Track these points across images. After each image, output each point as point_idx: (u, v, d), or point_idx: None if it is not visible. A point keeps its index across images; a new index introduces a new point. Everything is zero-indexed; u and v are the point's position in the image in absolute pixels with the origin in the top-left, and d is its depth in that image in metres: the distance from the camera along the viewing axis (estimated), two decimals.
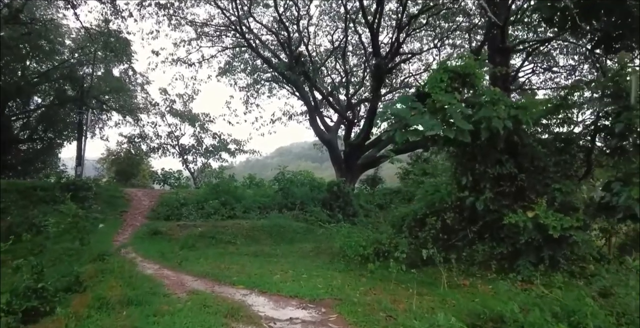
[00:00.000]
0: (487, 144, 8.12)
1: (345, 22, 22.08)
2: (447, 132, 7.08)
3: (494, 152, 8.24)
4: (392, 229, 10.55)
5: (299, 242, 12.88)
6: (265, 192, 18.59)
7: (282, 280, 7.38)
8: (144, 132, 27.59)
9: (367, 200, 19.56)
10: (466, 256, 8.48)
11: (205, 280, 7.52)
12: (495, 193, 8.29)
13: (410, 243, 8.84)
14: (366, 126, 20.60)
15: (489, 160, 8.23)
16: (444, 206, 8.68)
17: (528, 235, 7.34)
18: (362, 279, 7.84)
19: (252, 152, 29.04)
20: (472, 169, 8.40)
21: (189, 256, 10.27)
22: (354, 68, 24.94)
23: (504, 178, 8.32)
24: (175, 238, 12.45)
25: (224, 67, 25.23)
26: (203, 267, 8.88)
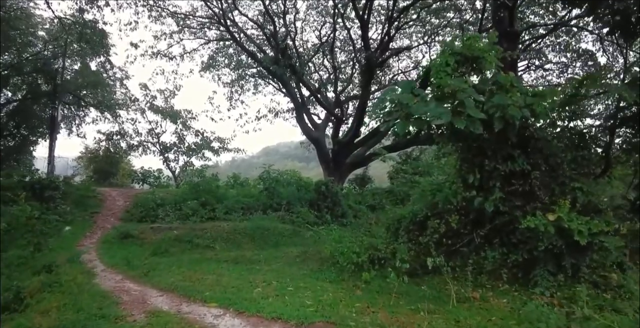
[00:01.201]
0: (498, 136, 7.08)
1: (333, 16, 20.95)
2: (457, 121, 5.98)
3: (505, 146, 7.18)
4: (386, 233, 9.46)
5: (284, 245, 11.68)
6: (249, 191, 17.34)
7: (263, 295, 6.20)
8: (123, 129, 26.02)
9: (356, 200, 18.44)
10: (473, 263, 7.39)
11: (172, 295, 6.29)
12: (506, 192, 7.24)
13: (410, 249, 7.74)
14: (355, 123, 19.50)
15: (500, 155, 7.18)
16: (448, 207, 7.58)
17: (548, 241, 6.29)
18: (356, 292, 6.70)
19: (236, 151, 27.72)
20: (481, 166, 7.32)
21: (159, 263, 8.99)
22: (342, 65, 23.83)
23: (516, 176, 7.27)
24: (148, 243, 11.13)
25: (208, 61, 23.87)
26: (173, 277, 7.64)
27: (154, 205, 14.57)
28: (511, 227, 7.30)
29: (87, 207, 14.83)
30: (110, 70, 24.26)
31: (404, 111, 6.30)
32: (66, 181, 16.02)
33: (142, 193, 16.01)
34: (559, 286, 6.38)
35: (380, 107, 6.53)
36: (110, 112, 25.29)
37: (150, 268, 8.26)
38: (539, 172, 7.25)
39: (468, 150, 7.57)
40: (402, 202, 13.84)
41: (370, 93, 20.05)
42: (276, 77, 21.04)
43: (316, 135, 21.32)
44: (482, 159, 7.31)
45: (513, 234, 7.24)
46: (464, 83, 6.09)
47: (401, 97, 6.28)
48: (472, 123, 6.21)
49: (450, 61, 6.84)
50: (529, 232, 6.86)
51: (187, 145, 26.63)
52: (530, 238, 6.87)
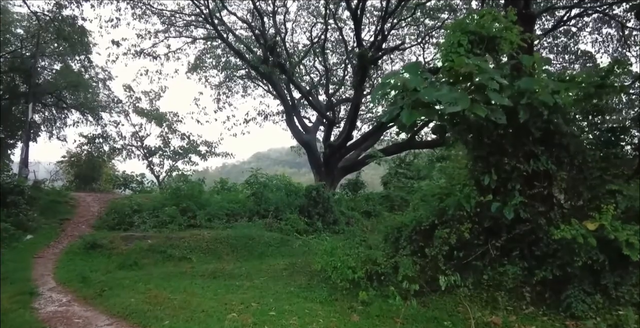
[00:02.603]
0: (518, 130, 5.92)
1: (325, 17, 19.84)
2: (477, 108, 4.79)
3: (527, 142, 6.02)
4: (384, 243, 8.22)
5: (270, 256, 10.39)
6: (235, 197, 15.98)
7: (237, 324, 4.90)
8: (106, 132, 24.51)
9: (348, 206, 17.18)
10: (488, 280, 6.19)
11: (123, 324, 4.96)
12: (528, 196, 6.06)
13: (414, 262, 6.50)
14: (347, 126, 18.32)
15: (521, 152, 6.01)
16: (459, 214, 6.36)
17: (586, 255, 5.10)
18: (352, 317, 5.45)
19: (224, 155, 26.34)
20: (497, 165, 6.14)
21: (124, 279, 7.64)
22: (334, 67, 22.71)
23: (539, 178, 6.11)
24: (117, 253, 9.78)
25: (195, 62, 22.59)
26: (134, 297, 6.32)
27: (129, 211, 13.16)
28: (533, 237, 6.13)
29: (57, 213, 13.39)
30: (91, 70, 22.79)
31: (411, 97, 5.10)
32: (36, 185, 14.55)
33: (118, 198, 14.60)
34: (598, 309, 5.19)
35: (382, 93, 5.33)
36: (92, 114, 23.80)
37: (109, 286, 6.91)
38: (565, 173, 6.10)
39: (482, 146, 6.38)
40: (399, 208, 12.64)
41: (364, 94, 18.87)
42: (265, 78, 19.84)
43: (307, 139, 20.09)
44: (500, 157, 6.14)
45: (536, 246, 6.06)
46: (485, 61, 4.91)
47: (408, 80, 5.09)
48: (494, 111, 5.04)
49: (463, 41, 5.68)
50: (556, 244, 5.70)
51: (172, 149, 25.21)
52: (558, 250, 5.70)
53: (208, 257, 10.01)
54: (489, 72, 4.84)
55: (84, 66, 22.13)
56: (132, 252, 9.71)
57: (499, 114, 5.05)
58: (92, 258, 9.46)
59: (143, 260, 9.41)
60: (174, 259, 9.66)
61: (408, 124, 4.91)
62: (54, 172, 23.62)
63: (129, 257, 9.36)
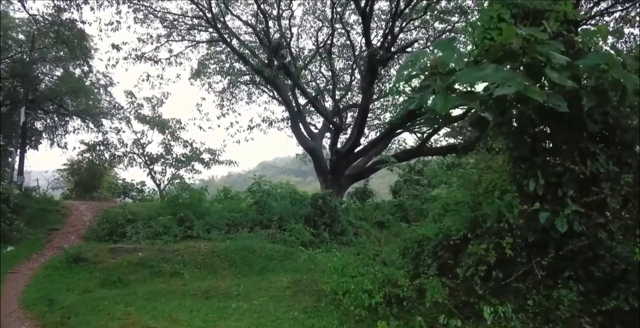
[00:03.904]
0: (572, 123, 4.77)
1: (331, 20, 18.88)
2: (533, 93, 3.65)
3: (581, 138, 4.87)
4: (401, 258, 7.03)
5: (272, 272, 9.20)
6: (237, 206, 14.86)
7: None
8: (107, 140, 23.56)
9: (356, 216, 16.00)
10: (533, 306, 4.98)
11: None
12: (582, 204, 4.89)
13: (443, 284, 5.31)
14: (355, 131, 17.17)
15: (575, 151, 4.85)
16: (499, 226, 5.18)
17: None
18: None
19: (228, 163, 25.25)
20: (544, 167, 4.98)
21: (102, 300, 6.50)
22: (341, 72, 21.67)
23: (596, 182, 4.94)
24: (102, 268, 8.64)
25: (198, 68, 21.67)
26: (108, 324, 5.15)
27: (123, 221, 12.06)
28: (590, 255, 4.94)
29: (46, 222, 12.31)
30: (92, 76, 21.95)
31: (445, 80, 3.97)
32: (26, 193, 13.51)
33: (112, 207, 13.52)
34: None
35: (409, 74, 4.21)
36: (93, 121, 22.89)
37: (80, 310, 5.75)
38: (630, 176, 4.92)
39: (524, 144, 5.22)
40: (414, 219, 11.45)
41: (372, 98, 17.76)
42: (269, 83, 18.83)
43: (313, 145, 18.99)
44: (548, 158, 4.98)
45: (595, 265, 4.86)
46: (541, 32, 3.79)
47: (443, 57, 3.97)
48: (550, 97, 3.90)
49: (505, 15, 4.58)
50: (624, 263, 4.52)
51: (174, 157, 24.17)
52: (628, 272, 4.51)
53: (203, 273, 8.85)
54: (551, 44, 3.70)
55: (85, 72, 21.30)
56: (119, 267, 8.58)
57: (557, 99, 3.91)
58: (73, 273, 8.34)
59: (130, 275, 8.28)
60: (165, 275, 8.50)
61: (443, 111, 3.78)
62: (52, 180, 22.62)
63: (114, 272, 8.25)
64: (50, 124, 24.17)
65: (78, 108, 23.01)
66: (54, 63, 21.63)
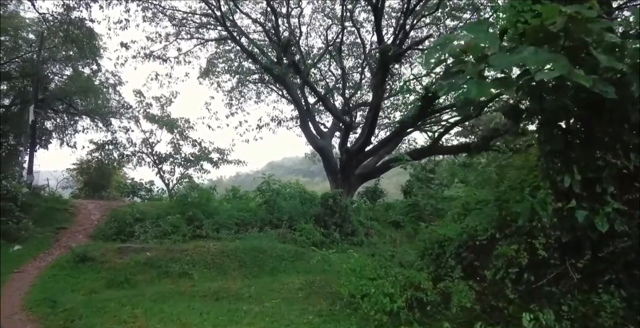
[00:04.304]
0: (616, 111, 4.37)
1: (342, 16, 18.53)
2: (578, 77, 3.26)
3: (623, 129, 4.46)
4: (420, 260, 6.65)
5: (283, 272, 8.86)
6: (246, 205, 14.55)
7: None
8: (116, 139, 23.41)
9: (367, 216, 15.61)
10: (569, 312, 4.59)
11: None
12: (625, 202, 4.48)
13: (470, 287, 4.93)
14: (366, 129, 16.77)
15: (617, 143, 4.44)
16: (531, 225, 4.78)
17: None
18: None
19: (237, 163, 24.97)
20: (581, 161, 4.58)
21: (109, 301, 6.20)
22: (350, 71, 21.29)
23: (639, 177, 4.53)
24: (109, 268, 8.36)
25: (207, 66, 21.41)
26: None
27: (131, 220, 11.80)
28: (633, 257, 4.53)
29: (54, 221, 12.09)
30: (101, 76, 21.82)
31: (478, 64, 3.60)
32: (34, 192, 13.31)
33: (120, 206, 13.27)
34: None
35: (437, 59, 3.83)
36: (102, 120, 22.74)
37: (84, 312, 5.45)
38: None
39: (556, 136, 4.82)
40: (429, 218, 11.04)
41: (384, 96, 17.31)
42: (279, 81, 18.50)
43: (322, 144, 18.62)
44: (585, 151, 4.58)
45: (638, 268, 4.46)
46: (590, 10, 3.40)
47: (476, 40, 3.59)
48: (596, 82, 3.51)
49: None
50: None
51: (183, 156, 23.94)
52: None
53: (212, 273, 8.52)
54: (602, 23, 3.31)
55: (94, 71, 21.15)
56: (126, 267, 8.29)
57: (603, 84, 3.52)
58: (79, 273, 8.06)
59: (137, 276, 7.98)
60: (173, 275, 8.19)
61: (478, 98, 3.40)
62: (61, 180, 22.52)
63: (121, 272, 7.95)
64: (60, 123, 24.08)
65: (87, 107, 22.89)
66: (63, 62, 21.52)
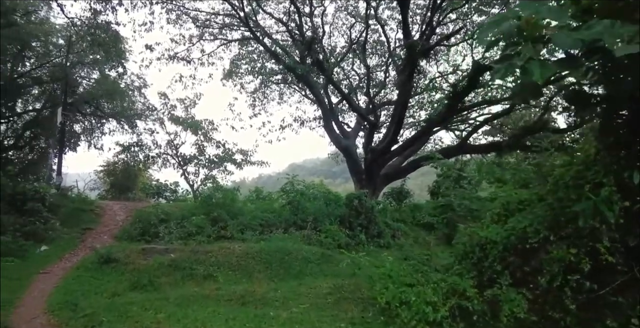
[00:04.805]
0: None
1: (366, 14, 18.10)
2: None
3: None
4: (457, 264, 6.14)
5: (310, 276, 8.47)
6: (270, 206, 14.25)
7: None
8: (141, 141, 23.54)
9: (393, 217, 15.09)
10: None
11: None
12: None
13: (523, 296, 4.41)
14: (393, 127, 16.22)
15: None
16: (595, 227, 4.24)
17: None
18: None
19: (260, 164, 24.73)
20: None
21: (131, 305, 5.94)
22: (374, 69, 20.78)
23: None
24: (132, 270, 8.15)
25: (230, 67, 21.32)
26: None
27: (155, 221, 11.65)
28: None
29: (80, 222, 12.06)
30: (127, 78, 22.02)
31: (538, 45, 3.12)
32: (62, 193, 13.36)
33: (145, 207, 13.17)
34: None
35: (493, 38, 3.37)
36: (128, 123, 22.95)
37: (106, 316, 5.19)
38: None
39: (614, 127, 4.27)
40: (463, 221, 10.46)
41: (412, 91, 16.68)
42: (302, 80, 18.18)
43: (346, 144, 18.20)
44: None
45: None
46: None
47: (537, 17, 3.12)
48: None
49: None
50: None
51: (207, 158, 23.89)
52: None
53: (237, 275, 8.21)
54: None
55: (119, 74, 21.37)
56: (150, 269, 8.07)
57: None
58: (103, 275, 7.88)
59: (161, 278, 7.74)
60: (198, 278, 7.92)
61: (542, 81, 2.93)
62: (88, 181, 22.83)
63: (144, 274, 7.72)
64: (87, 126, 24.44)
65: (114, 110, 23.12)
66: (90, 66, 21.82)
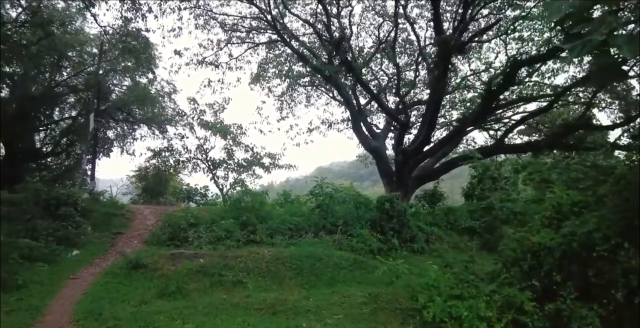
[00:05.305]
0: None
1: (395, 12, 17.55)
2: None
3: None
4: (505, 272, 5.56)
5: (343, 283, 8.03)
6: (299, 209, 13.90)
7: None
8: (172, 146, 23.79)
9: (426, 221, 14.44)
10: None
11: None
12: None
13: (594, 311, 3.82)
14: (425, 127, 15.54)
15: None
16: None
17: None
18: None
19: (288, 167, 24.49)
20: None
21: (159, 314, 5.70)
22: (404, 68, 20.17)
23: None
24: (161, 276, 7.94)
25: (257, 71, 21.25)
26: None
27: (185, 225, 11.49)
28: None
29: (111, 226, 12.05)
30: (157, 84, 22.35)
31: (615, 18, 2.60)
32: (94, 197, 13.46)
33: (174, 211, 13.09)
34: None
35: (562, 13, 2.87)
36: (158, 128, 23.27)
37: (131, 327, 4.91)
38: None
39: None
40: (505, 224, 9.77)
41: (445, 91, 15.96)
42: (329, 81, 17.81)
43: (376, 145, 17.67)
44: None
45: None
46: None
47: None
48: None
49: None
50: None
51: (236, 162, 23.85)
52: None
53: (267, 282, 7.87)
54: None
55: (150, 80, 21.71)
56: (178, 275, 7.83)
57: None
58: (131, 281, 7.70)
59: (190, 284, 7.48)
60: (227, 284, 7.62)
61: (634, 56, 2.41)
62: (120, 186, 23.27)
63: (173, 280, 7.48)
64: (120, 132, 24.97)
65: (145, 116, 23.51)
66: (122, 73, 22.26)
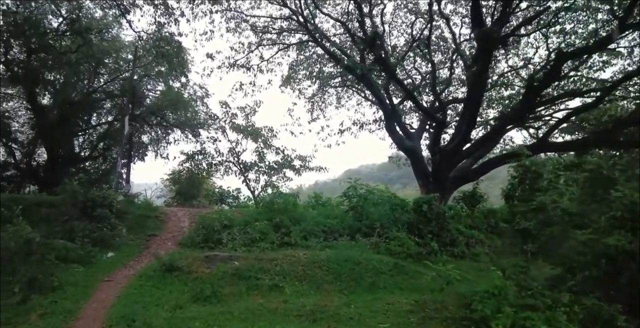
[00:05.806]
0: None
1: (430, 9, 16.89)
2: None
3: None
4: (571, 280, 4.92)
5: (384, 289, 7.52)
6: (332, 211, 13.46)
7: None
8: (205, 149, 23.93)
9: (466, 224, 13.69)
10: None
11: None
12: None
13: None
14: (464, 126, 14.72)
15: None
16: None
17: None
18: None
19: (318, 169, 24.13)
20: None
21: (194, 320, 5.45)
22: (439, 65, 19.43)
23: None
24: (195, 279, 7.68)
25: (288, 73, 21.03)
26: None
27: (219, 227, 11.30)
28: None
29: (146, 228, 12.02)
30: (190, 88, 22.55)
31: None
32: (129, 199, 13.50)
33: (208, 213, 12.93)
34: None
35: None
36: (191, 132, 23.48)
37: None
38: None
39: None
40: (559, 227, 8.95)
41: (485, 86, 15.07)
42: (362, 80, 17.30)
43: (411, 145, 17.00)
44: None
45: None
46: None
47: None
48: None
49: None
50: None
51: (267, 164, 23.72)
52: None
53: (305, 287, 7.47)
54: None
55: (183, 84, 21.92)
56: (213, 278, 7.56)
57: None
58: (165, 284, 7.47)
59: (225, 288, 7.18)
60: (263, 288, 7.27)
61: None
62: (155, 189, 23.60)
63: (207, 284, 7.20)
64: (154, 136, 25.36)
65: (178, 120, 23.78)
66: (155, 78, 22.59)
